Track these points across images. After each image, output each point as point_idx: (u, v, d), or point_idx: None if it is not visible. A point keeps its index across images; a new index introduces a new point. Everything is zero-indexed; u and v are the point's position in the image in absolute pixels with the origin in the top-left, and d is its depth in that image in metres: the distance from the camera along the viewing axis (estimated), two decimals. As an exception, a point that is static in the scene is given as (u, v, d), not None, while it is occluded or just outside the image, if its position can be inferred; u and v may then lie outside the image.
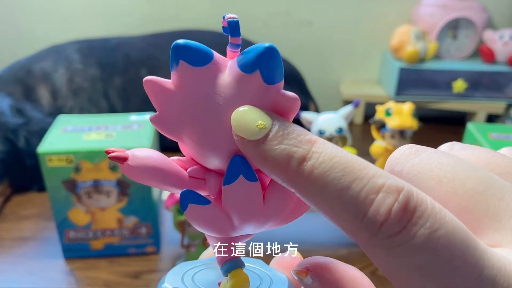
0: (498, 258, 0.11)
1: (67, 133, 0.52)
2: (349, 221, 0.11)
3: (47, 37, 0.88)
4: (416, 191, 0.11)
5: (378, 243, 0.11)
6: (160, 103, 0.14)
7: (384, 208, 0.11)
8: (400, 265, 0.11)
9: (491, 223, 0.12)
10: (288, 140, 0.12)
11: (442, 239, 0.11)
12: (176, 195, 0.47)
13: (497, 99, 0.87)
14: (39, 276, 0.52)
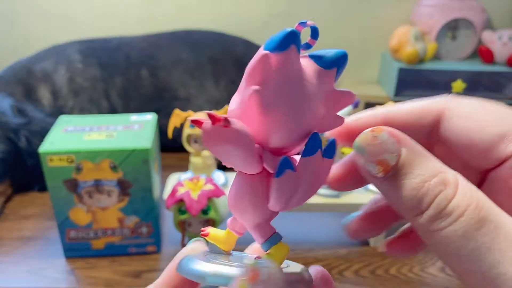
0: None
1: (68, 133, 0.52)
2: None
3: (48, 37, 0.88)
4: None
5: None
6: (266, 78, 0.15)
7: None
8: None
9: None
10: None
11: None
12: (177, 194, 0.48)
13: (497, 100, 0.87)
14: (40, 275, 0.52)
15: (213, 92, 0.80)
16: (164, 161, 0.73)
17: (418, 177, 0.14)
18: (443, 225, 0.14)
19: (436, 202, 0.14)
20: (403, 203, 0.15)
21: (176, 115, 0.59)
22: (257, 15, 0.93)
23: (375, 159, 0.15)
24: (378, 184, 0.15)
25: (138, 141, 0.50)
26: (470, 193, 0.14)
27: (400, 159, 0.15)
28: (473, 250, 0.13)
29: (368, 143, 0.15)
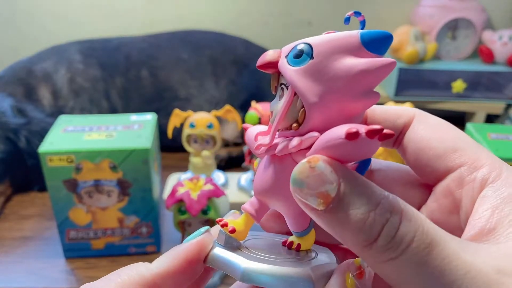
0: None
1: (68, 133, 0.52)
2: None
3: (48, 37, 0.88)
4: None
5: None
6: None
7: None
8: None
9: None
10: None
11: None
12: (176, 194, 0.48)
13: (496, 100, 0.88)
14: (40, 275, 0.52)
15: (213, 92, 0.80)
16: (164, 161, 0.73)
17: (362, 207, 0.14)
18: (394, 255, 0.14)
19: (384, 232, 0.14)
20: (349, 236, 0.14)
21: (176, 115, 0.59)
22: (257, 15, 0.93)
23: (315, 192, 0.14)
24: (320, 218, 0.14)
25: (138, 141, 0.50)
26: (415, 218, 0.14)
27: (340, 189, 0.14)
28: (427, 275, 0.13)
29: (306, 175, 0.14)
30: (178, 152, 0.73)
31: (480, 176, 0.16)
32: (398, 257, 0.14)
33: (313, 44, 0.16)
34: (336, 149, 0.14)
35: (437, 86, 0.87)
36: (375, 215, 0.14)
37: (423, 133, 0.18)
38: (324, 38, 0.16)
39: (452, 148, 0.17)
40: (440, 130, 0.18)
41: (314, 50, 0.15)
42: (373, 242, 0.14)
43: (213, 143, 0.60)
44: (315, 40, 0.16)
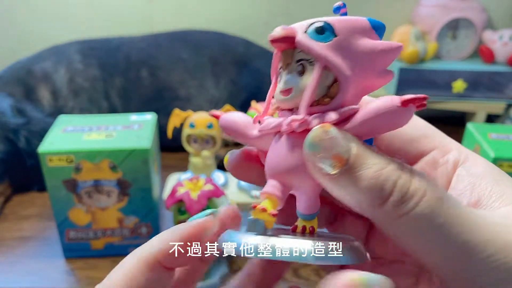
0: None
1: (68, 133, 0.52)
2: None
3: (48, 37, 0.88)
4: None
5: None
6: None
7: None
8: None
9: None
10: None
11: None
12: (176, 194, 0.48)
13: (497, 99, 0.87)
14: (40, 275, 0.52)
15: (213, 92, 0.80)
16: (164, 161, 0.73)
17: (374, 166, 0.14)
18: (409, 208, 0.14)
19: (398, 187, 0.14)
20: (363, 195, 0.14)
21: (176, 115, 0.59)
22: (257, 15, 0.93)
23: (329, 154, 0.15)
24: (333, 182, 0.15)
25: (137, 141, 0.50)
26: (424, 175, 0.15)
27: (352, 151, 0.15)
28: (441, 225, 0.14)
29: (321, 138, 0.15)
30: (178, 152, 0.73)
31: (452, 158, 0.18)
32: (412, 211, 0.14)
33: (332, 23, 0.17)
34: (387, 116, 0.15)
35: (438, 86, 0.87)
36: (387, 172, 0.14)
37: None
38: (338, 18, 0.17)
39: (423, 134, 0.19)
40: (415, 118, 0.19)
41: (335, 28, 0.17)
42: (387, 199, 0.14)
43: (213, 143, 0.60)
44: (331, 19, 0.17)
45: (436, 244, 0.14)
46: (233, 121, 0.19)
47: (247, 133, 0.19)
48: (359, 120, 0.15)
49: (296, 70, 0.16)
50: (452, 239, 0.14)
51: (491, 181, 0.17)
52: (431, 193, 0.14)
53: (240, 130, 0.19)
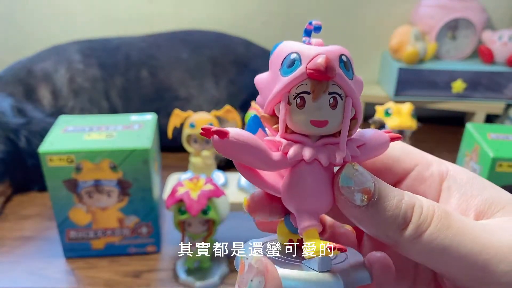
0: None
1: (68, 133, 0.52)
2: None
3: (48, 37, 0.88)
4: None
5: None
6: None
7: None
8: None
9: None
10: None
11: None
12: (176, 194, 0.48)
13: (496, 100, 0.88)
14: (40, 275, 0.52)
15: (213, 92, 0.80)
16: (164, 161, 0.73)
17: (395, 198, 0.17)
18: (425, 227, 0.16)
19: (415, 211, 0.17)
20: (389, 223, 0.17)
21: (176, 115, 0.59)
22: (257, 15, 0.93)
23: (360, 188, 0.17)
24: (362, 213, 0.17)
25: (138, 141, 0.50)
26: (428, 200, 0.17)
27: (376, 185, 0.17)
28: (454, 236, 0.16)
29: (353, 174, 0.17)
30: (178, 152, 0.73)
31: (436, 170, 0.20)
32: (428, 227, 0.16)
33: (349, 56, 0.17)
34: (381, 149, 0.19)
35: (437, 86, 0.87)
36: (405, 202, 0.17)
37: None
38: (343, 49, 0.17)
39: (403, 153, 0.20)
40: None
41: (351, 62, 0.17)
42: (408, 224, 0.17)
43: (213, 143, 0.60)
44: (344, 51, 0.17)
45: (451, 258, 0.16)
46: (250, 139, 0.17)
47: (270, 157, 0.17)
48: (367, 153, 0.18)
49: (328, 101, 0.17)
50: (466, 251, 0.16)
51: (478, 188, 0.19)
52: (438, 210, 0.17)
53: (260, 151, 0.17)
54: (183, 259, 0.53)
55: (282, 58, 0.17)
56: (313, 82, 0.16)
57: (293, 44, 0.17)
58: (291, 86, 0.17)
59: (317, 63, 0.16)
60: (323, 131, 0.17)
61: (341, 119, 0.17)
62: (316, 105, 0.17)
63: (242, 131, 0.17)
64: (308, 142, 0.17)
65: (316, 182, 0.17)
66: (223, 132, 0.16)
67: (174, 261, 0.54)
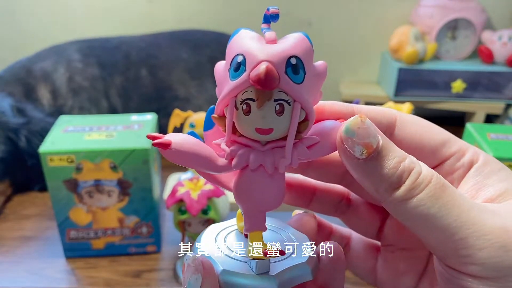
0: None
1: (68, 133, 0.52)
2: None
3: (48, 37, 0.88)
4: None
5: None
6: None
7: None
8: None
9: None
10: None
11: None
12: (177, 194, 0.48)
13: (496, 100, 0.88)
14: (40, 275, 0.52)
15: (213, 92, 0.80)
16: (164, 161, 0.73)
17: (395, 159, 0.17)
18: (417, 192, 0.17)
19: (411, 176, 0.17)
20: (383, 181, 0.17)
21: (176, 115, 0.59)
22: (257, 15, 0.93)
23: (362, 141, 0.17)
24: (360, 165, 0.17)
25: (138, 141, 0.50)
26: (431, 169, 0.18)
27: (379, 143, 0.17)
28: (441, 207, 0.17)
29: (358, 126, 0.17)
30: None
31: (466, 160, 0.20)
32: (419, 193, 0.17)
33: (301, 57, 0.16)
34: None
35: (437, 86, 0.87)
36: (405, 165, 0.17)
37: (413, 131, 0.20)
38: (299, 45, 0.17)
39: (441, 142, 0.20)
40: (425, 127, 0.21)
41: (304, 63, 0.17)
42: (400, 185, 0.17)
43: (213, 143, 0.60)
44: (296, 50, 0.16)
45: (435, 225, 0.17)
46: (192, 149, 0.18)
47: (215, 163, 0.18)
48: (322, 150, 0.18)
49: (273, 109, 0.16)
50: (451, 220, 0.17)
51: (496, 179, 0.19)
52: (436, 180, 0.17)
53: (206, 159, 0.18)
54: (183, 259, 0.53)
55: (232, 56, 0.17)
56: (257, 90, 0.16)
57: (242, 41, 0.17)
58: (237, 92, 0.16)
59: (258, 73, 0.15)
60: (268, 138, 0.17)
61: (288, 124, 0.17)
62: (260, 113, 0.16)
63: (185, 139, 0.18)
64: (256, 146, 0.17)
65: (262, 187, 0.18)
66: (164, 144, 0.17)
67: (174, 261, 0.54)
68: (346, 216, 0.25)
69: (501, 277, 0.16)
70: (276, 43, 0.17)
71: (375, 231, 0.24)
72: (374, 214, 0.24)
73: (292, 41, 0.17)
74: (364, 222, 0.24)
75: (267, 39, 0.17)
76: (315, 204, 0.24)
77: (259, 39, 0.17)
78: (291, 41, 0.17)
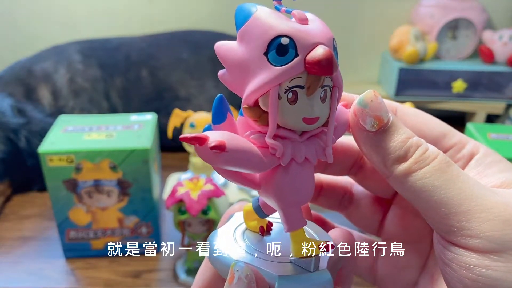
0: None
1: (68, 133, 0.52)
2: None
3: (48, 37, 0.88)
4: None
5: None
6: None
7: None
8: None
9: None
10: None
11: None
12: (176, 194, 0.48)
13: (497, 99, 0.88)
14: (40, 275, 0.52)
15: (213, 92, 0.80)
16: (164, 161, 0.73)
17: (404, 134, 0.18)
18: (422, 165, 0.17)
19: (418, 150, 0.18)
20: (390, 153, 0.18)
21: (176, 115, 0.59)
22: (257, 15, 0.93)
23: (374, 114, 0.18)
24: (370, 138, 0.18)
25: (138, 141, 0.50)
26: (435, 148, 0.18)
27: (390, 119, 0.18)
28: (446, 180, 0.17)
29: (372, 99, 0.18)
30: (178, 152, 0.73)
31: (467, 152, 0.20)
32: (425, 167, 0.17)
33: (335, 44, 0.16)
34: (345, 125, 0.19)
35: (437, 86, 0.87)
36: (412, 141, 0.18)
37: (413, 123, 0.20)
38: (329, 33, 0.16)
39: (441, 134, 0.21)
40: (424, 119, 0.21)
41: (336, 49, 0.16)
42: (407, 158, 0.18)
43: (213, 143, 0.60)
44: (330, 36, 0.16)
45: (439, 198, 0.17)
46: (246, 146, 0.16)
47: (263, 162, 0.16)
48: (338, 135, 0.18)
49: (319, 95, 0.15)
50: (455, 193, 0.17)
51: (497, 169, 0.19)
52: (442, 156, 0.18)
53: (257, 157, 0.16)
54: (183, 259, 0.53)
55: (267, 39, 0.15)
56: (310, 77, 0.15)
57: (276, 21, 0.15)
58: (284, 79, 0.15)
59: (319, 58, 0.14)
60: (314, 127, 0.16)
61: (328, 112, 0.16)
62: (309, 101, 0.15)
63: (234, 138, 0.16)
64: (294, 137, 0.16)
65: (305, 180, 0.17)
66: (219, 146, 0.14)
67: (174, 261, 0.54)
68: (348, 211, 0.25)
69: (503, 251, 0.16)
70: (308, 23, 0.15)
71: (376, 225, 0.25)
72: (375, 207, 0.25)
73: (319, 21, 0.16)
74: (365, 216, 0.25)
75: (298, 19, 0.15)
76: (322, 198, 0.25)
77: (288, 19, 0.15)
78: (319, 22, 0.16)
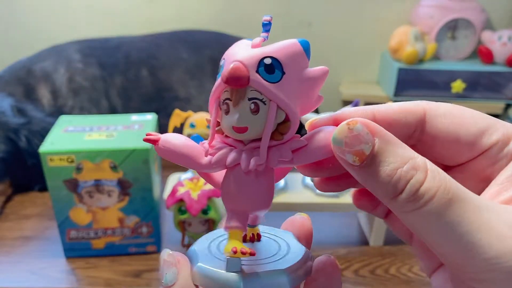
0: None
1: (69, 133, 0.52)
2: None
3: (48, 37, 0.88)
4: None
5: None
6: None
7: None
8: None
9: None
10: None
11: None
12: (177, 194, 0.48)
13: (496, 100, 0.88)
14: (40, 275, 0.52)
15: (213, 92, 0.80)
16: (164, 161, 0.73)
17: (391, 165, 0.16)
18: (417, 206, 0.16)
19: (409, 186, 0.16)
20: (379, 189, 0.16)
21: (176, 115, 0.59)
22: (257, 15, 0.93)
23: (351, 150, 0.16)
24: (356, 172, 0.16)
25: (138, 141, 0.50)
26: (439, 176, 0.16)
27: (374, 148, 0.16)
28: (445, 224, 0.15)
29: (345, 135, 0.16)
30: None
31: (511, 150, 0.18)
32: (421, 208, 0.15)
33: (279, 59, 0.17)
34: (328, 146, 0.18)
35: (437, 86, 0.87)
36: (402, 172, 0.16)
37: (445, 125, 0.19)
38: (281, 50, 0.17)
39: (478, 132, 0.18)
40: (458, 117, 0.19)
41: (282, 64, 0.17)
42: (398, 195, 0.16)
43: (213, 143, 0.60)
44: (275, 52, 0.17)
45: (442, 239, 0.16)
46: (178, 146, 0.18)
47: (199, 161, 0.18)
48: (308, 155, 0.18)
49: (248, 107, 0.17)
50: (456, 239, 0.15)
51: None
52: (441, 195, 0.15)
53: (189, 157, 0.18)
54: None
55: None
56: (231, 89, 0.17)
57: (232, 48, 0.18)
58: (216, 93, 0.18)
59: (227, 72, 0.16)
60: (245, 136, 0.17)
61: (263, 123, 0.17)
62: (236, 112, 0.17)
63: (174, 137, 0.18)
64: (239, 146, 0.18)
65: (240, 186, 0.18)
66: (153, 140, 0.18)
67: (174, 261, 0.54)
68: (389, 219, 0.23)
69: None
70: (259, 46, 0.17)
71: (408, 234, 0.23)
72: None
73: (277, 44, 0.17)
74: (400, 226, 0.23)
75: (252, 44, 0.17)
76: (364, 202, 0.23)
77: (248, 45, 0.18)
78: (276, 45, 0.17)
